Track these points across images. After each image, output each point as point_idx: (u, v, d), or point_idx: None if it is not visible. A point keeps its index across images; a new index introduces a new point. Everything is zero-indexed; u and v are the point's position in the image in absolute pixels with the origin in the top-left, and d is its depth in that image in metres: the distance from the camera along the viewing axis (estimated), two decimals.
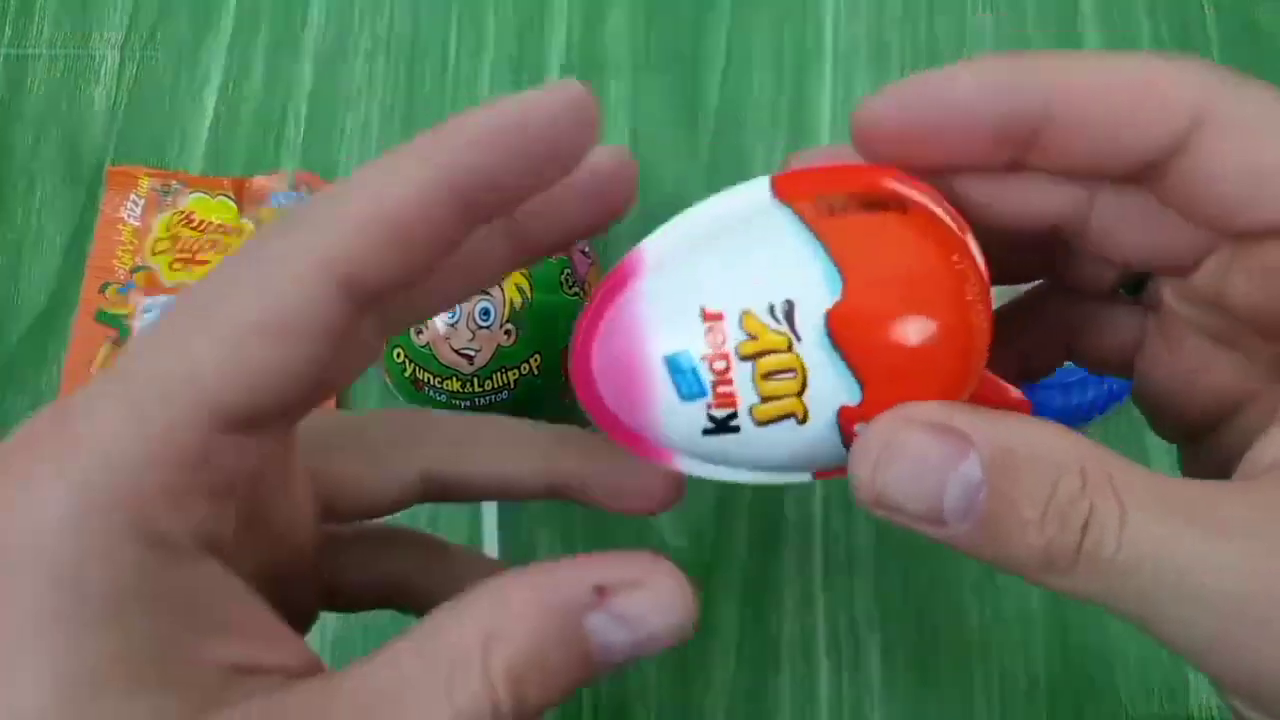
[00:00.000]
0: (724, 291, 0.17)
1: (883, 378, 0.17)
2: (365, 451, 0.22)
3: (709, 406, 0.17)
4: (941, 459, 0.16)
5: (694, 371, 0.17)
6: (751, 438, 0.18)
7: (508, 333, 0.33)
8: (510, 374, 0.34)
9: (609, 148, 0.19)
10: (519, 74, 0.41)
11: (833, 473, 0.19)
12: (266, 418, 0.16)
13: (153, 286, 0.36)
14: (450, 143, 0.16)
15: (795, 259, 0.17)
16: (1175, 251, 0.19)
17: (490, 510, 0.35)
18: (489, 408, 0.34)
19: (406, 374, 0.34)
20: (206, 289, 0.16)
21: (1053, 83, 0.17)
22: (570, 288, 0.34)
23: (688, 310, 0.17)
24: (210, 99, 0.40)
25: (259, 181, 0.38)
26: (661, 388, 0.18)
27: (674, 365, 0.18)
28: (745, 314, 0.17)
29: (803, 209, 0.17)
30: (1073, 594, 0.16)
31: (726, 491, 0.35)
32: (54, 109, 0.40)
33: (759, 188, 0.18)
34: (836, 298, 0.17)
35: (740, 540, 0.35)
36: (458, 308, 0.33)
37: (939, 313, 0.17)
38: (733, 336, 0.17)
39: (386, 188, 0.16)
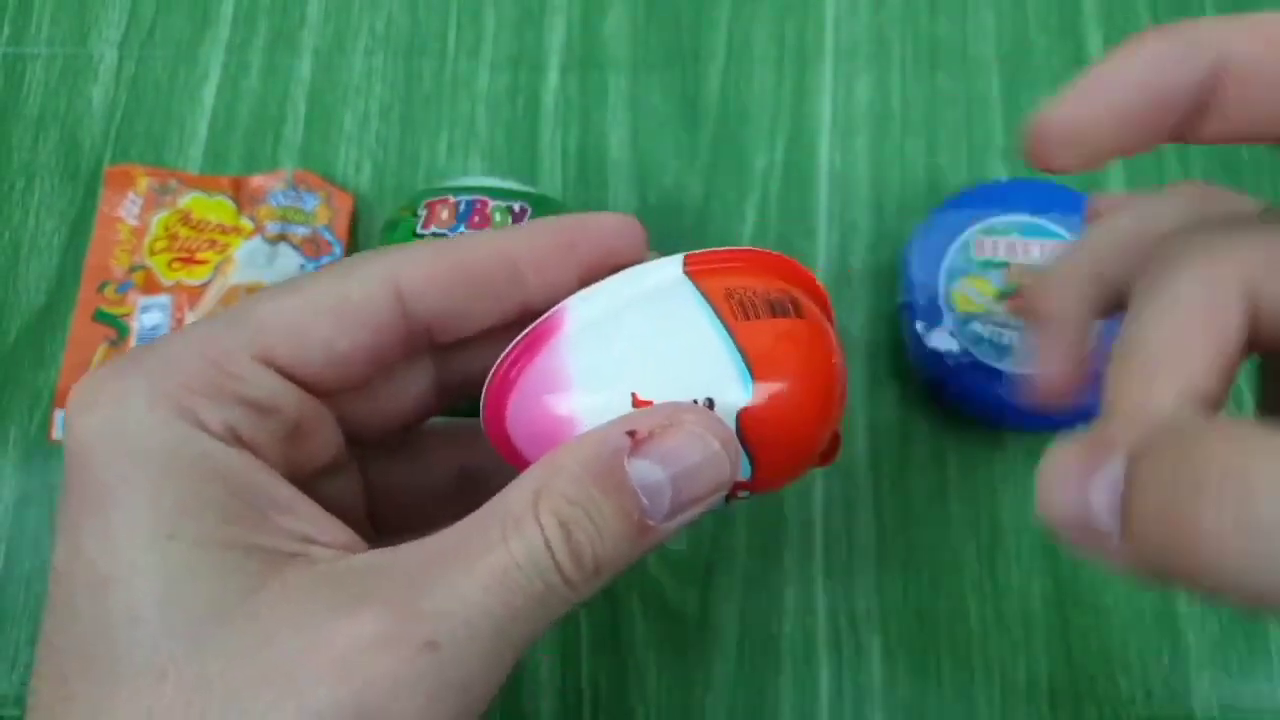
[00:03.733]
0: (652, 382, 0.20)
1: (769, 459, 0.21)
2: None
3: None
4: (1081, 467, 0.15)
5: None
6: None
7: None
8: None
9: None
10: (518, 71, 0.41)
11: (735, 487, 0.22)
12: (309, 373, 0.20)
13: (151, 286, 0.36)
14: (528, 227, 0.21)
15: (715, 359, 0.20)
16: None
17: None
18: None
19: None
20: (304, 276, 0.21)
21: (1225, 45, 0.17)
22: None
23: (618, 395, 0.20)
24: (208, 97, 0.40)
25: (257, 180, 0.38)
26: None
27: None
28: None
29: (720, 306, 0.20)
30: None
31: None
32: (52, 108, 0.40)
33: (672, 264, 0.21)
34: (749, 399, 0.20)
35: (741, 540, 0.35)
36: None
37: (820, 409, 0.21)
38: None
39: (461, 238, 0.21)
